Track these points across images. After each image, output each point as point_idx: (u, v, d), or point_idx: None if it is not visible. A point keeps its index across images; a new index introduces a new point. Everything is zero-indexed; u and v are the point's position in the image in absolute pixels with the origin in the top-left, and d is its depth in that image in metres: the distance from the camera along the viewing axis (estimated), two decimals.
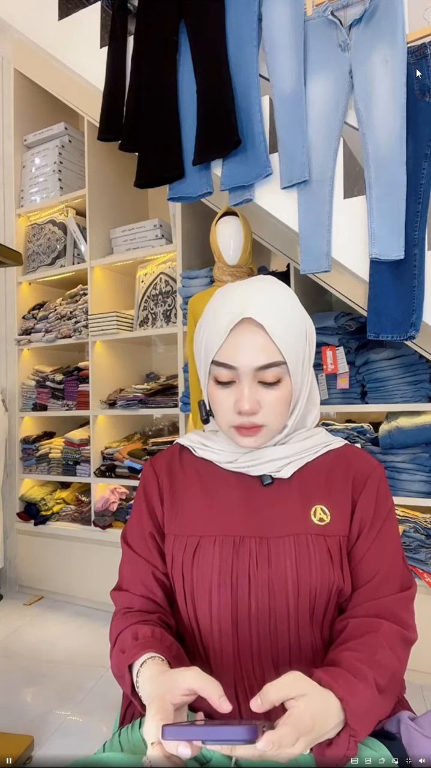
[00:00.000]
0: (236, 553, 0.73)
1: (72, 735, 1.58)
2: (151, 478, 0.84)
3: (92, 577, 2.52)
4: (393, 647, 0.66)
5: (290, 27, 1.65)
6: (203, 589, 0.72)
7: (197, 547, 0.74)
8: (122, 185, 2.66)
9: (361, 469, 0.79)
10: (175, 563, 0.76)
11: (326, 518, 0.75)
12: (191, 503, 0.79)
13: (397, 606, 0.71)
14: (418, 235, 1.50)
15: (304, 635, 0.71)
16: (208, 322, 0.77)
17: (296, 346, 0.74)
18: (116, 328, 2.52)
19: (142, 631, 0.69)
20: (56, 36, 2.10)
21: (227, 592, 0.71)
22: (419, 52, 1.51)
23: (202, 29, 1.77)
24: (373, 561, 0.74)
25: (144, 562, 0.78)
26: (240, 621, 0.71)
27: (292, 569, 0.70)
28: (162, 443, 2.48)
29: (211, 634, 0.72)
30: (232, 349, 0.72)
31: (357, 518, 0.76)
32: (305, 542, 0.72)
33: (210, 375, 0.76)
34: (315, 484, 0.78)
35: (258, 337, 0.71)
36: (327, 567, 0.71)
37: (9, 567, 2.78)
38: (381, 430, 1.95)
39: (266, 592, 0.70)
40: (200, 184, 1.78)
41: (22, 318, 2.89)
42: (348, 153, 1.65)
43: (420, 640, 0.73)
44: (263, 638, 0.70)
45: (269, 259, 2.58)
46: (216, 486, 0.80)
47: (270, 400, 0.73)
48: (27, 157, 2.88)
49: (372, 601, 0.71)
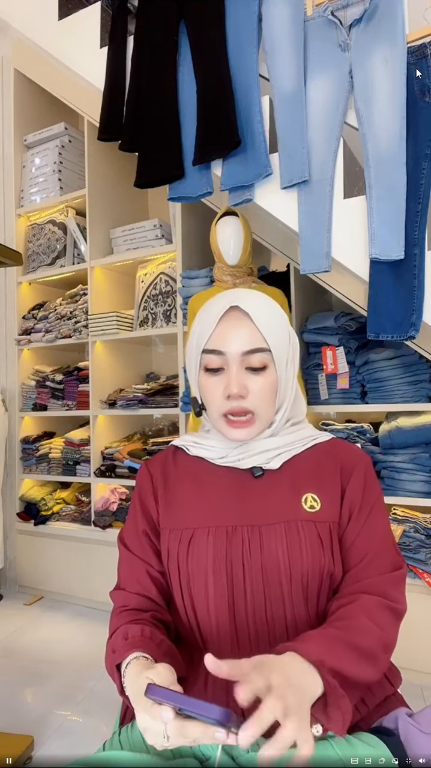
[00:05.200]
0: (230, 542, 0.75)
1: (72, 735, 1.58)
2: (145, 478, 0.87)
3: (92, 577, 2.52)
4: (370, 614, 0.68)
5: (290, 27, 1.65)
6: (198, 579, 0.75)
7: (192, 538, 0.77)
8: (122, 185, 2.66)
9: (348, 459, 0.83)
10: (170, 556, 0.78)
11: (316, 505, 0.78)
12: (184, 498, 0.82)
13: (384, 583, 0.73)
14: (418, 235, 1.50)
15: (300, 619, 0.73)
16: (200, 319, 0.83)
17: (280, 338, 0.80)
18: (116, 328, 2.52)
19: (132, 630, 0.71)
20: (56, 36, 2.10)
21: (223, 581, 0.74)
22: (419, 52, 1.51)
23: (202, 29, 1.77)
24: (363, 545, 0.76)
25: (139, 560, 0.81)
26: (237, 608, 0.73)
27: (283, 555, 0.73)
28: (162, 443, 2.48)
29: (209, 623, 0.74)
30: (221, 336, 0.79)
31: (347, 504, 0.79)
32: (295, 528, 0.75)
33: (201, 365, 0.81)
34: (305, 474, 0.81)
35: (244, 324, 0.78)
36: (318, 551, 0.74)
37: (9, 567, 2.78)
38: (381, 430, 1.95)
39: (260, 578, 0.73)
40: (200, 184, 1.78)
41: (22, 318, 2.89)
42: (348, 153, 1.65)
43: (420, 641, 0.74)
44: (259, 624, 0.73)
45: (269, 259, 2.58)
46: (209, 481, 0.83)
47: (257, 386, 0.78)
48: (27, 157, 2.88)
49: (358, 582, 0.74)
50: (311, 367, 2.11)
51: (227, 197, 1.80)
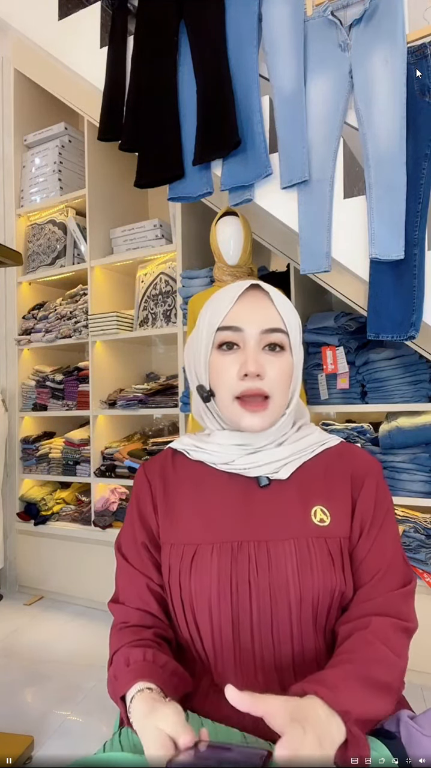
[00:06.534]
0: (235, 560, 0.71)
1: (72, 735, 1.58)
2: (143, 486, 0.83)
3: (92, 577, 2.51)
4: (386, 640, 0.66)
5: (290, 27, 1.65)
6: (202, 599, 0.71)
7: (195, 555, 0.73)
8: (122, 185, 2.66)
9: (359, 467, 0.79)
10: (172, 572, 0.74)
11: (326, 519, 0.74)
12: (186, 510, 0.78)
13: (395, 601, 0.71)
14: (418, 235, 1.50)
15: (307, 640, 0.70)
16: (214, 300, 0.80)
17: (295, 325, 0.79)
18: (116, 328, 2.52)
19: (134, 655, 0.68)
20: (56, 36, 2.10)
21: (227, 601, 0.70)
22: (419, 52, 1.51)
23: (202, 29, 1.76)
24: (374, 560, 0.73)
25: (138, 573, 0.77)
26: (242, 627, 0.70)
27: (293, 574, 0.69)
28: (162, 443, 2.48)
29: (211, 641, 0.71)
30: (239, 313, 0.76)
31: (358, 518, 0.75)
32: (306, 545, 0.71)
33: (214, 345, 0.77)
34: (314, 484, 0.77)
35: (265, 303, 0.77)
36: (329, 571, 0.70)
37: (9, 567, 2.78)
38: (381, 430, 1.95)
39: (268, 598, 0.69)
40: (200, 184, 1.78)
41: (22, 318, 2.89)
42: (348, 153, 1.65)
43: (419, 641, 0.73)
44: (265, 645, 0.69)
45: (269, 259, 2.57)
46: (211, 490, 0.78)
47: (274, 368, 0.75)
48: (27, 157, 2.88)
49: (369, 601, 0.71)
50: (311, 367, 2.11)
51: (227, 197, 1.80)
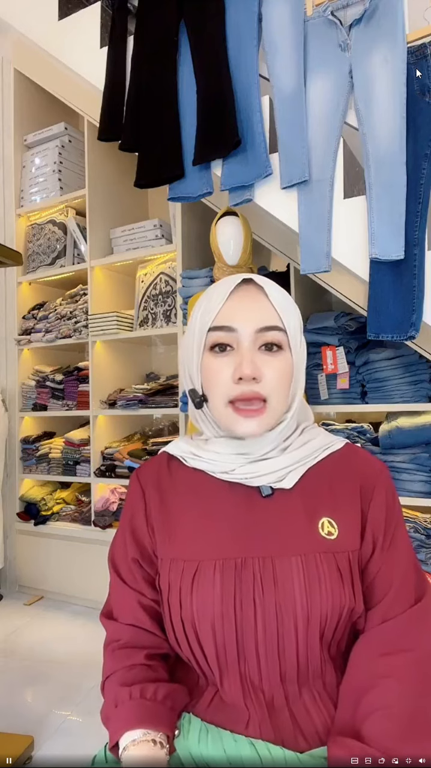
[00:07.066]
0: (239, 578, 0.67)
1: (72, 735, 1.57)
2: (136, 494, 0.78)
3: (92, 577, 2.51)
4: (414, 684, 0.64)
5: (290, 27, 1.65)
6: (204, 619, 0.67)
7: (196, 573, 0.68)
8: (122, 185, 2.66)
9: (368, 475, 0.74)
10: (172, 591, 0.69)
11: (334, 532, 0.70)
12: (185, 522, 0.73)
13: (410, 624, 0.68)
14: (418, 235, 1.50)
15: (313, 656, 0.67)
16: (205, 297, 0.75)
17: (294, 320, 0.73)
18: (116, 328, 2.52)
19: (121, 695, 0.66)
20: (56, 36, 2.10)
21: (231, 622, 0.66)
22: (419, 52, 1.51)
23: (202, 29, 1.76)
24: (387, 576, 0.70)
25: (130, 590, 0.74)
26: (247, 648, 0.67)
27: (301, 593, 0.65)
28: (162, 443, 2.48)
29: (216, 661, 0.68)
30: (231, 311, 0.71)
31: (370, 532, 0.71)
32: (314, 562, 0.67)
33: (205, 347, 0.72)
34: (319, 493, 0.72)
35: (259, 299, 0.71)
36: (338, 588, 0.66)
37: (9, 567, 2.78)
38: (381, 430, 1.95)
39: (274, 618, 0.65)
40: (200, 184, 1.78)
41: (22, 318, 2.89)
42: (348, 153, 1.65)
43: None
44: (270, 661, 0.67)
45: (269, 259, 2.57)
46: (211, 500, 0.73)
47: (271, 370, 0.69)
48: (27, 157, 2.88)
49: (384, 624, 0.68)
50: (311, 367, 2.10)
51: (227, 197, 1.80)
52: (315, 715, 0.67)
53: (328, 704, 0.68)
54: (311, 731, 0.65)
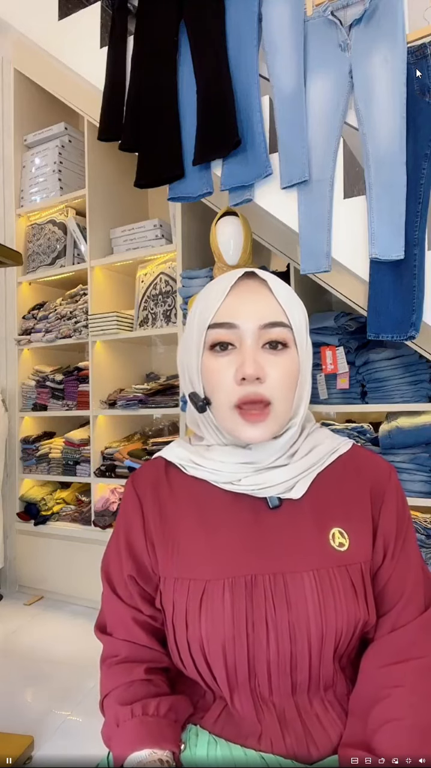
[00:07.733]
0: (250, 597, 0.63)
1: (72, 735, 1.57)
2: (133, 506, 0.73)
3: (92, 577, 2.50)
4: (426, 692, 0.63)
5: (290, 27, 1.65)
6: (214, 641, 0.63)
7: (204, 593, 0.64)
8: (122, 185, 2.66)
9: (377, 479, 0.72)
10: (177, 611, 0.66)
11: (345, 543, 0.67)
12: (188, 537, 0.69)
13: (421, 632, 0.66)
14: (418, 235, 1.50)
15: (325, 670, 0.66)
16: (204, 293, 0.71)
17: (300, 316, 0.69)
18: (116, 328, 2.52)
19: (122, 714, 0.64)
20: (56, 36, 2.10)
21: (243, 643, 0.63)
22: (419, 52, 1.51)
23: (202, 29, 1.76)
24: (398, 583, 0.68)
25: (124, 605, 0.70)
26: (258, 668, 0.64)
27: (315, 611, 0.62)
28: (162, 443, 2.48)
29: (226, 682, 0.65)
30: (232, 307, 0.66)
31: (381, 539, 0.69)
32: (327, 577, 0.64)
33: (205, 346, 0.68)
34: (329, 501, 0.69)
35: (262, 294, 0.67)
36: (352, 603, 0.64)
37: (9, 567, 2.78)
38: (381, 430, 1.95)
39: (287, 638, 0.62)
40: (200, 184, 1.78)
41: (22, 318, 2.89)
42: (348, 153, 1.65)
43: None
44: (282, 677, 0.65)
45: (269, 259, 2.57)
46: (216, 512, 0.69)
47: (276, 370, 0.65)
48: (27, 157, 2.88)
49: (394, 632, 0.66)
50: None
51: (227, 197, 1.80)
52: (327, 724, 0.66)
53: (340, 712, 0.67)
54: (324, 740, 0.64)
